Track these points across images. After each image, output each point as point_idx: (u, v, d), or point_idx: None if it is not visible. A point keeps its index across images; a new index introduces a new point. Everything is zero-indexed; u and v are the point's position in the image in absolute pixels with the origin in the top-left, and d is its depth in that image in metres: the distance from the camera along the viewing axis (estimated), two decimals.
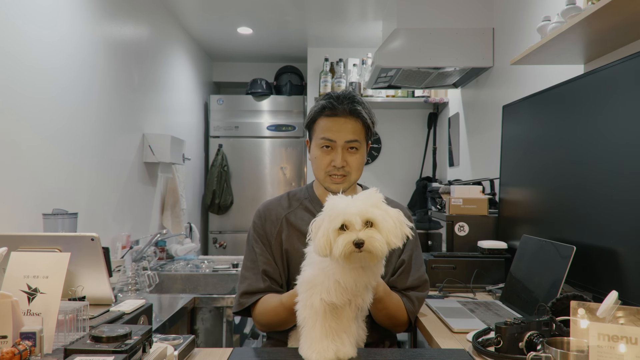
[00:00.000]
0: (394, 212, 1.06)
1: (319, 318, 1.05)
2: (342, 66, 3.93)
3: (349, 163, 1.38)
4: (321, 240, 1.01)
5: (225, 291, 2.55)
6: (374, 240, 0.99)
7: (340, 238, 0.99)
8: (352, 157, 1.39)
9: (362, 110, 1.38)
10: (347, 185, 1.40)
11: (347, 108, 1.37)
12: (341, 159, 1.36)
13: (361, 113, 1.38)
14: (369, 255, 1.00)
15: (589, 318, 0.97)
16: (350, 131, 1.37)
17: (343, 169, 1.38)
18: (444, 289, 1.89)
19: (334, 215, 1.01)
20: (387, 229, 1.01)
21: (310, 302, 1.06)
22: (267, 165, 4.40)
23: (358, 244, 0.98)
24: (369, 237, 0.99)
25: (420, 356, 1.14)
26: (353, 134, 1.37)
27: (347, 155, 1.38)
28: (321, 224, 1.04)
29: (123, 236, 2.52)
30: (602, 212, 1.38)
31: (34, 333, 0.95)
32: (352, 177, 1.40)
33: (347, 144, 1.37)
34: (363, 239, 0.98)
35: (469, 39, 2.76)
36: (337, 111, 1.37)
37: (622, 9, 1.27)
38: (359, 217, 0.99)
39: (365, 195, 1.05)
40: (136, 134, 2.83)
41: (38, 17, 1.88)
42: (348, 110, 1.37)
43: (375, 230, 1.00)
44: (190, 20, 3.62)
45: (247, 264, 1.44)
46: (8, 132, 1.71)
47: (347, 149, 1.38)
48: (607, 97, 1.37)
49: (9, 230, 1.69)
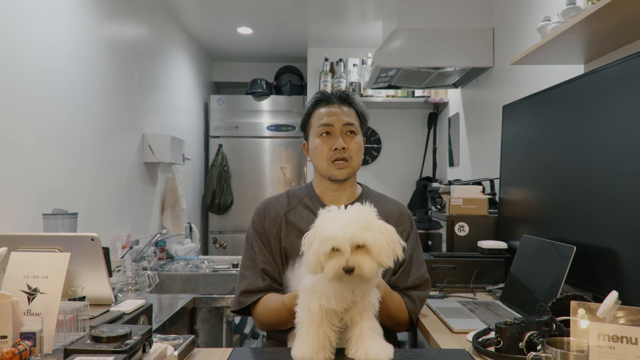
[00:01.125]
0: (387, 230, 1.05)
1: (315, 322, 1.06)
2: (342, 66, 3.93)
3: (349, 147, 1.42)
4: (312, 259, 1.01)
5: (225, 291, 2.55)
6: (364, 266, 0.99)
7: (330, 263, 0.99)
8: (351, 140, 1.43)
9: (354, 99, 1.47)
10: (350, 171, 1.42)
11: (339, 98, 1.45)
12: (341, 142, 1.40)
13: (353, 100, 1.47)
14: (360, 278, 1.00)
15: (589, 318, 0.97)
16: (345, 115, 1.44)
17: (344, 151, 1.40)
18: (444, 289, 1.89)
19: (324, 238, 1.00)
20: (378, 251, 1.01)
21: (308, 307, 1.07)
22: (267, 165, 4.40)
23: (348, 270, 0.98)
24: (358, 264, 0.98)
25: (420, 356, 1.14)
26: (349, 118, 1.44)
27: (346, 139, 1.42)
28: (312, 242, 1.03)
29: (123, 236, 2.52)
30: (602, 212, 1.38)
31: (34, 333, 0.95)
32: (353, 162, 1.43)
33: (344, 127, 1.42)
34: (353, 266, 0.98)
35: (469, 39, 2.76)
36: (331, 100, 1.45)
37: (622, 9, 1.27)
38: (349, 243, 0.99)
39: (357, 214, 1.04)
40: (136, 134, 2.83)
41: (38, 17, 1.88)
42: (341, 99, 1.45)
43: (365, 254, 1.00)
44: (190, 20, 3.62)
45: (247, 262, 1.44)
46: (8, 131, 1.71)
47: (345, 133, 1.42)
48: (607, 97, 1.37)
49: (9, 230, 1.69)
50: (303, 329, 1.08)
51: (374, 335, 1.08)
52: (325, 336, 1.06)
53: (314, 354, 1.05)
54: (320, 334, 1.06)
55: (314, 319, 1.06)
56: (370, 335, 1.07)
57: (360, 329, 1.08)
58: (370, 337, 1.07)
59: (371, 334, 1.08)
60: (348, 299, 1.06)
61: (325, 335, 1.06)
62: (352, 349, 1.07)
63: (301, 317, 1.09)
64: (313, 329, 1.06)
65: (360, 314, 1.08)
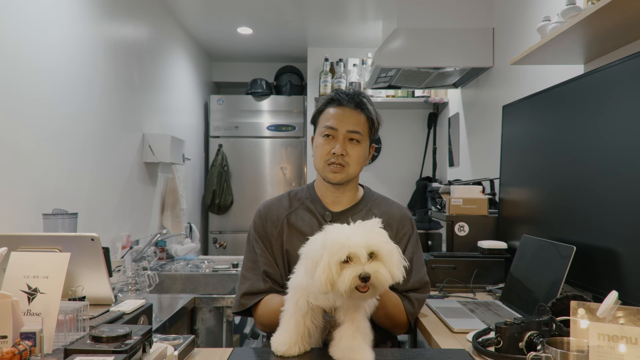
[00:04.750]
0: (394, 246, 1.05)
1: (298, 314, 1.09)
2: (342, 66, 3.93)
3: (349, 154, 1.39)
4: (322, 277, 0.98)
5: (225, 291, 2.55)
6: (380, 274, 0.97)
7: (346, 272, 0.97)
8: (352, 148, 1.40)
9: (367, 105, 1.42)
10: (344, 177, 1.40)
11: (353, 101, 1.41)
12: (341, 148, 1.38)
13: (366, 106, 1.42)
14: (372, 289, 0.99)
15: (589, 318, 0.97)
16: (353, 122, 1.40)
17: (342, 158, 1.38)
18: (444, 289, 1.89)
19: (337, 248, 0.98)
20: (391, 261, 1.00)
21: (296, 299, 1.10)
22: (267, 165, 4.40)
23: (364, 278, 0.96)
24: (374, 271, 0.97)
25: (420, 356, 1.14)
26: (356, 125, 1.40)
27: (347, 145, 1.40)
28: (320, 259, 1.00)
29: (123, 236, 2.52)
30: (602, 212, 1.38)
31: (34, 333, 0.95)
32: (350, 169, 1.40)
33: (348, 133, 1.39)
34: (369, 273, 0.96)
35: (469, 39, 2.76)
36: (343, 102, 1.41)
37: (622, 9, 1.27)
38: (364, 249, 0.97)
39: (367, 226, 1.04)
40: (136, 134, 2.83)
41: (38, 17, 1.88)
42: (353, 103, 1.41)
43: (380, 263, 0.99)
44: (190, 20, 3.63)
45: (248, 264, 1.44)
46: (8, 131, 1.71)
47: (348, 140, 1.40)
48: (607, 97, 1.37)
49: (9, 230, 1.69)
50: (285, 318, 1.11)
51: (357, 336, 1.07)
52: (306, 328, 1.09)
53: (290, 346, 1.09)
54: (301, 326, 1.09)
55: (299, 312, 1.09)
56: (353, 336, 1.07)
57: (345, 328, 1.08)
58: (352, 337, 1.07)
59: (355, 335, 1.07)
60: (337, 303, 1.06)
61: (306, 327, 1.09)
62: (333, 347, 1.09)
63: (287, 307, 1.12)
64: (294, 319, 1.09)
65: (345, 313, 1.08)
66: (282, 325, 1.12)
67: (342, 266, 0.98)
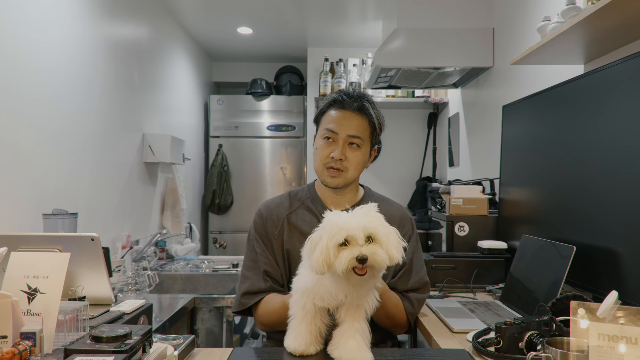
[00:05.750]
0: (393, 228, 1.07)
1: (308, 316, 1.10)
2: (342, 66, 3.93)
3: (348, 158, 1.38)
4: (319, 258, 1.00)
5: (225, 291, 2.55)
6: (377, 255, 0.99)
7: (343, 253, 0.99)
8: (352, 153, 1.39)
9: (370, 109, 1.41)
10: (342, 181, 1.39)
11: (356, 104, 1.39)
12: (340, 152, 1.37)
13: (368, 110, 1.40)
14: (370, 271, 1.01)
15: (589, 318, 0.97)
16: (354, 126, 1.38)
17: (341, 162, 1.37)
18: (444, 289, 1.89)
19: (335, 231, 1.00)
20: (388, 243, 1.02)
21: (302, 304, 1.10)
22: (267, 165, 4.40)
23: (362, 260, 0.98)
24: (372, 252, 0.99)
25: (420, 356, 1.14)
26: (356, 130, 1.38)
27: (347, 150, 1.38)
28: (319, 241, 1.03)
29: (123, 236, 2.52)
30: (602, 212, 1.38)
31: (34, 333, 0.95)
32: (348, 173, 1.39)
33: (348, 138, 1.38)
34: (366, 254, 0.98)
35: (469, 39, 2.76)
36: (346, 105, 1.39)
37: (622, 9, 1.27)
38: (362, 231, 0.99)
39: (364, 211, 1.05)
40: (136, 134, 2.83)
41: (38, 17, 1.88)
42: (356, 107, 1.39)
43: (377, 245, 1.01)
44: (190, 20, 3.62)
45: (248, 263, 1.44)
46: (8, 131, 1.71)
47: (348, 144, 1.38)
48: (607, 97, 1.37)
49: (9, 230, 1.69)
50: (296, 321, 1.12)
51: (357, 336, 1.08)
52: (317, 328, 1.10)
53: (307, 346, 1.09)
54: (313, 327, 1.10)
55: (308, 314, 1.10)
56: (353, 335, 1.08)
57: (344, 328, 1.09)
58: (352, 337, 1.08)
59: (355, 335, 1.08)
60: (340, 298, 1.07)
61: (317, 327, 1.10)
62: (333, 346, 1.10)
63: (294, 310, 1.13)
64: (305, 322, 1.10)
65: (347, 312, 1.09)
66: (293, 329, 1.12)
67: (340, 249, 1.00)
